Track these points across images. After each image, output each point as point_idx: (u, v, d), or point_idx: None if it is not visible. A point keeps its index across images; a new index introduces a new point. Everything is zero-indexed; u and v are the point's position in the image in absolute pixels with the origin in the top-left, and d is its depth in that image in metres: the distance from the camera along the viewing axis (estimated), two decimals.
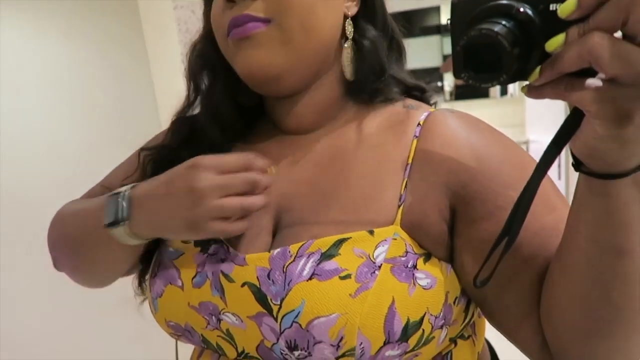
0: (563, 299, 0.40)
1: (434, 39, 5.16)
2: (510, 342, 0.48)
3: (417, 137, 0.49)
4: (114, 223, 0.48)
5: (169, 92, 1.66)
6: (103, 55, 1.61)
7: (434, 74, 4.99)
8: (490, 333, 0.60)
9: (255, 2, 0.46)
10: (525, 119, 2.92)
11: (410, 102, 0.54)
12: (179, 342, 0.58)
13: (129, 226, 0.48)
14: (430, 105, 0.57)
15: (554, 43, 0.29)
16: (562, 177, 1.95)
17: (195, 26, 2.18)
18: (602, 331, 0.39)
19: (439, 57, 5.12)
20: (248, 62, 0.47)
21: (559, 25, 0.28)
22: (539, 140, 2.70)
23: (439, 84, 5.17)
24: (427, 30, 5.19)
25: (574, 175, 0.36)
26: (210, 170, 0.45)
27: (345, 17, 0.51)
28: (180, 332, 0.52)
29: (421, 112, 0.51)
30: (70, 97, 1.66)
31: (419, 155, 0.48)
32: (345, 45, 0.51)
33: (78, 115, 1.67)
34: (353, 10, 0.52)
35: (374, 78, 0.52)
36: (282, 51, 0.47)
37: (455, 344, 0.51)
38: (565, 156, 1.95)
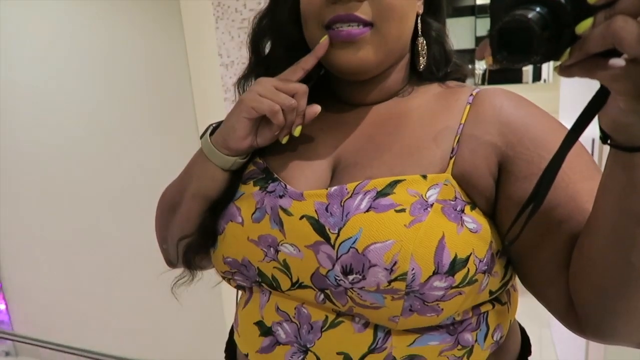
0: (588, 261, 0.44)
1: (468, 20, 5.01)
2: (540, 302, 0.52)
3: (470, 104, 0.55)
4: (204, 138, 0.60)
5: (202, 63, 1.67)
6: (138, 27, 1.62)
7: (467, 56, 4.87)
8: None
9: (362, 4, 0.52)
10: (559, 106, 2.83)
11: (459, 83, 0.62)
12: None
13: (213, 139, 0.59)
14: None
15: (583, 26, 0.32)
16: (596, 158, 1.92)
17: (226, 0, 2.18)
18: (622, 291, 0.43)
19: (472, 38, 4.99)
20: (347, 60, 0.54)
21: (587, 10, 0.31)
22: None
23: (470, 66, 5.05)
24: (461, 11, 5.04)
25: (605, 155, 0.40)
26: (270, 82, 0.55)
27: (417, 15, 0.59)
28: (236, 267, 0.58)
29: (472, 87, 0.58)
30: (101, 66, 1.69)
31: (471, 117, 0.53)
32: (420, 40, 0.59)
33: (109, 85, 1.70)
34: (421, 8, 0.59)
35: (443, 65, 0.61)
36: (377, 52, 0.54)
37: (493, 306, 0.56)
38: (599, 138, 1.90)
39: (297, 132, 0.56)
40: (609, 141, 0.38)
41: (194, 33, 1.65)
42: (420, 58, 0.60)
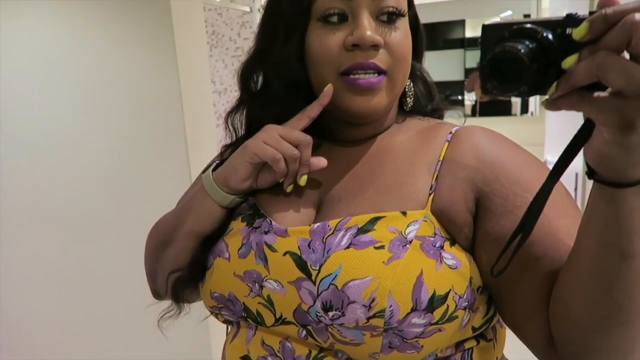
0: (569, 296, 0.44)
1: (457, 53, 5.14)
2: (519, 338, 0.51)
3: (448, 141, 0.56)
4: (206, 174, 0.60)
5: (195, 90, 1.68)
6: (131, 52, 1.63)
7: (455, 87, 4.97)
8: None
9: (379, 53, 0.53)
10: (545, 139, 2.89)
11: (440, 120, 0.64)
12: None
13: (214, 175, 0.59)
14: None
15: (569, 61, 0.33)
16: (579, 192, 1.94)
17: (220, 29, 2.22)
18: (603, 327, 0.42)
19: (461, 70, 5.11)
20: (361, 107, 0.55)
21: (573, 46, 0.33)
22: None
23: (459, 97, 5.15)
24: (450, 43, 5.17)
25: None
26: (275, 130, 0.55)
27: None
28: (222, 302, 0.58)
29: (452, 125, 0.59)
30: (94, 90, 1.69)
31: (449, 155, 0.54)
32: (408, 82, 0.61)
33: (101, 109, 1.70)
34: None
35: (427, 100, 0.64)
36: (387, 98, 0.56)
37: (478, 343, 0.55)
38: (582, 172, 1.94)
39: (302, 181, 0.56)
40: (594, 176, 0.39)
41: (188, 60, 1.67)
42: (408, 99, 0.62)
